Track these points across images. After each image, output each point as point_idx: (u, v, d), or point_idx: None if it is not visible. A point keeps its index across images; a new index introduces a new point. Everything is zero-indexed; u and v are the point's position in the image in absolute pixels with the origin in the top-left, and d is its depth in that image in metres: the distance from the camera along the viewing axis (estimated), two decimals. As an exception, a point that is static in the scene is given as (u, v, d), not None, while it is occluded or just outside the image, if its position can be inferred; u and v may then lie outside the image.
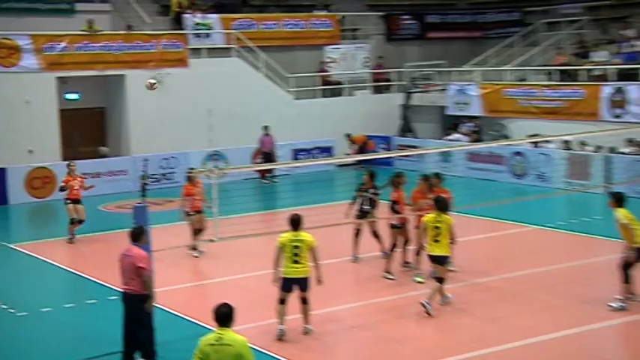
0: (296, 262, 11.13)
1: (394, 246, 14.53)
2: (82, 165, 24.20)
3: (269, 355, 10.85)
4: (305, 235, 11.23)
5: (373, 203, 15.09)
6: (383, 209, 15.09)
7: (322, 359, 10.96)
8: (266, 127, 26.20)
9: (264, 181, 25.84)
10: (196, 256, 16.10)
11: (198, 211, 16.17)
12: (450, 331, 11.89)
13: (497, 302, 13.02)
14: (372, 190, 15.17)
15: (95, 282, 14.89)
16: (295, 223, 11.28)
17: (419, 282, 13.96)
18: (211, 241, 12.87)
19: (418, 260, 14.13)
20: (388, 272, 14.42)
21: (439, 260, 12.39)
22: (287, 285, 11.27)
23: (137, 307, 10.31)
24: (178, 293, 14.18)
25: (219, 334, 7.39)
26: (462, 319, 12.25)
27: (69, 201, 18.04)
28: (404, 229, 14.52)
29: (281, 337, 11.21)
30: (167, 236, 16.43)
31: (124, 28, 26.53)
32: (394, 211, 14.50)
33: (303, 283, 11.27)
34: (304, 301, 11.36)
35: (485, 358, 10.65)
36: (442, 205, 12.48)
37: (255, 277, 14.50)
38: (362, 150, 27.32)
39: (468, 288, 13.61)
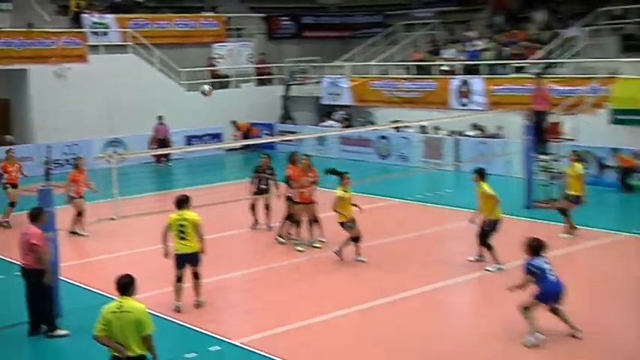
0: (182, 238, 10.78)
1: (289, 216, 14.50)
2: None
3: (167, 320, 10.67)
4: (189, 214, 10.83)
5: (269, 182, 15.35)
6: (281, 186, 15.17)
7: (216, 320, 10.84)
8: (160, 117, 25.83)
9: (160, 164, 25.44)
10: (86, 235, 15.76)
11: (81, 196, 15.87)
12: (340, 287, 12.00)
13: (381, 261, 13.23)
14: (268, 171, 15.43)
15: (2, 259, 14.24)
16: (180, 203, 10.94)
17: (299, 250, 14.05)
18: (112, 219, 12.53)
19: (298, 233, 14.24)
20: (280, 236, 14.56)
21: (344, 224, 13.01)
22: (179, 261, 10.94)
23: (34, 280, 10.18)
24: (83, 267, 13.75)
25: (120, 303, 7.24)
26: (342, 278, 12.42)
27: (8, 185, 17.19)
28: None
29: (178, 311, 10.97)
30: (71, 216, 15.87)
31: (24, 26, 25.31)
32: (289, 186, 14.50)
33: (192, 259, 10.94)
34: (195, 275, 11.08)
35: (379, 307, 10.83)
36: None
37: (151, 251, 14.16)
38: (246, 136, 27.17)
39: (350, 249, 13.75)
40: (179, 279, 11.02)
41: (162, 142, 25.43)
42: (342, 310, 10.92)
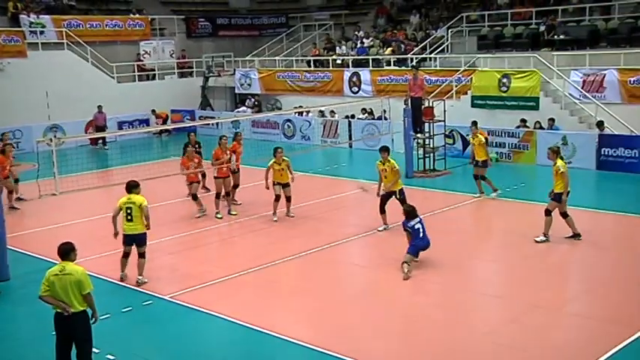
0: (129, 220, 10.08)
1: (219, 194, 14.12)
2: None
3: (105, 280, 10.44)
4: (137, 198, 10.11)
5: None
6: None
7: (151, 276, 10.66)
8: (100, 106, 24.76)
9: (96, 147, 24.47)
10: (18, 208, 15.30)
11: (6, 177, 15.34)
12: (252, 248, 12.01)
13: (297, 223, 13.33)
14: (197, 146, 15.12)
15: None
16: (130, 187, 10.28)
17: (218, 218, 13.99)
18: (53, 194, 12.08)
19: (217, 203, 14.14)
20: (218, 212, 14.12)
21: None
22: (127, 241, 10.27)
23: None
24: (30, 237, 13.22)
25: (62, 266, 7.03)
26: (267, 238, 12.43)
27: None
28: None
29: (122, 280, 10.52)
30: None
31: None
32: (212, 164, 14.15)
33: (138, 239, 10.22)
34: (141, 255, 10.39)
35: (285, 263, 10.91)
36: None
37: (92, 221, 13.79)
38: (165, 122, 26.57)
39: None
40: (126, 255, 10.42)
41: (101, 128, 24.29)
42: (255, 267, 10.98)
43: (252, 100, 27.59)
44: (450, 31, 24.35)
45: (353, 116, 23.37)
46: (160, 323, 9.04)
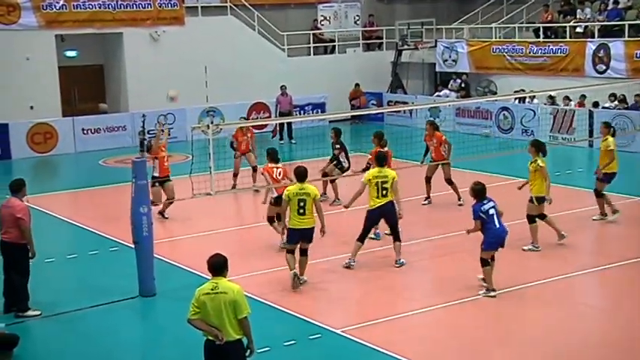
0: (301, 213, 11.15)
1: None
2: (82, 121, 24.27)
3: (263, 303, 10.86)
4: (310, 188, 11.25)
5: (339, 157, 16.00)
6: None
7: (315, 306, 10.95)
8: (283, 87, 24.99)
9: (281, 140, 24.48)
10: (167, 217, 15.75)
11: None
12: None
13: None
14: (337, 146, 16.07)
15: (97, 234, 14.88)
16: (301, 175, 11.29)
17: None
18: (208, 194, 12.79)
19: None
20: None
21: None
22: (295, 237, 11.31)
23: (15, 256, 10.64)
24: (176, 244, 14.16)
25: (215, 283, 7.36)
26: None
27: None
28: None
29: (296, 282, 11.33)
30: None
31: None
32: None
33: (308, 235, 11.29)
34: (303, 252, 11.41)
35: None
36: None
37: (246, 229, 14.47)
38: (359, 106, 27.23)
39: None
40: (291, 252, 11.40)
41: (285, 115, 24.27)
42: (457, 300, 10.84)
43: (458, 81, 27.41)
44: None
45: (597, 104, 22.43)
46: (329, 364, 9.26)
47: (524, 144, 22.03)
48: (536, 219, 12.88)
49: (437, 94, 27.59)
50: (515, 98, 24.17)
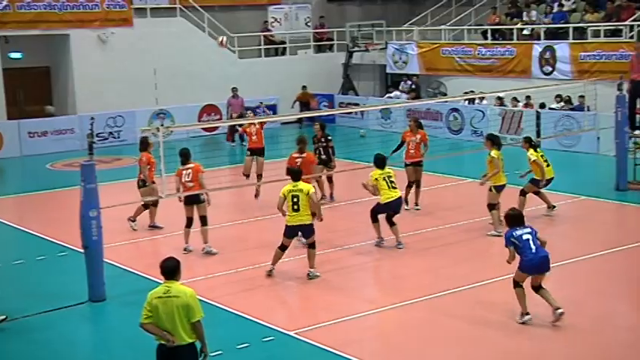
0: (296, 210, 11.49)
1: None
2: (28, 124, 23.85)
3: (216, 306, 10.81)
4: (303, 185, 11.64)
5: (328, 152, 16.19)
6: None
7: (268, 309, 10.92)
8: (235, 90, 25.00)
9: (233, 144, 24.69)
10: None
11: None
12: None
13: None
14: (323, 140, 16.24)
15: (44, 239, 14.63)
16: (295, 174, 11.75)
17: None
18: (159, 197, 12.69)
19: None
20: None
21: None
22: (290, 232, 11.70)
23: None
24: (126, 248, 14.01)
25: (167, 287, 7.32)
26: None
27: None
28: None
29: (270, 274, 11.84)
30: (115, 193, 16.14)
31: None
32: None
33: (304, 230, 11.70)
34: (311, 245, 11.82)
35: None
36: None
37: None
38: (308, 107, 27.25)
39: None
40: (283, 248, 11.81)
41: (237, 118, 23.91)
42: (417, 298, 10.92)
43: (409, 82, 27.60)
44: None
45: (544, 105, 22.74)
46: (283, 366, 9.25)
47: (474, 145, 22.50)
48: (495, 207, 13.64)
49: (388, 95, 27.76)
50: (465, 99, 24.45)
